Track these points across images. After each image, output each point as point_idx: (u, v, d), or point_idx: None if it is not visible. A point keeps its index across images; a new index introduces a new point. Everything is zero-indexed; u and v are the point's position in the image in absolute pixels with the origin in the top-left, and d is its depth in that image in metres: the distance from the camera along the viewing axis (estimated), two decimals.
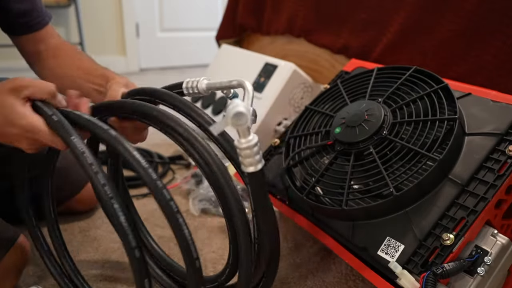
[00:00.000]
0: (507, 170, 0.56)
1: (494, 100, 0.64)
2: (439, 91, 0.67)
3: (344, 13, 1.20)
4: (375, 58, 1.09)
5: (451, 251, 0.54)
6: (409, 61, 1.01)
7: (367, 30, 1.12)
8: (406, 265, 0.56)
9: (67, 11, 2.68)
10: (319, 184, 0.72)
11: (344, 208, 0.64)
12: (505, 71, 0.83)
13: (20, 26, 0.87)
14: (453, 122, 0.62)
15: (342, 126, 0.71)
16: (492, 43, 0.85)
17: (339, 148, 0.71)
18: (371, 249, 0.61)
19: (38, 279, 0.79)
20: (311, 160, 0.75)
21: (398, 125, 0.67)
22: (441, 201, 0.58)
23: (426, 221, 0.58)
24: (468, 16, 0.88)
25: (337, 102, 0.81)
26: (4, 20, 0.86)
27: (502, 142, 0.59)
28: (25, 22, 0.87)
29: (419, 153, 0.61)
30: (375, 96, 0.75)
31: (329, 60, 1.29)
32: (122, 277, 0.81)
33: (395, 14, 1.04)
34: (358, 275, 0.82)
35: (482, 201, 0.56)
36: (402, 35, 1.03)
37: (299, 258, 0.87)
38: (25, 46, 0.90)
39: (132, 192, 1.14)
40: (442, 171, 0.60)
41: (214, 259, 0.86)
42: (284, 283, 0.79)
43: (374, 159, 0.65)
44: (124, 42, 2.88)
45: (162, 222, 1.00)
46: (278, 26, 1.45)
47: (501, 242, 0.54)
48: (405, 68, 0.75)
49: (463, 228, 0.55)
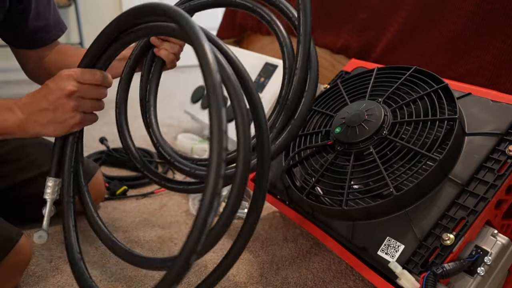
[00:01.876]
0: (507, 170, 0.56)
1: (494, 100, 0.64)
2: (439, 91, 0.67)
3: (344, 13, 1.20)
4: (375, 58, 1.09)
5: (451, 251, 0.54)
6: (409, 61, 1.01)
7: (367, 30, 1.12)
8: (406, 265, 0.56)
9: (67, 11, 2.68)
10: (319, 184, 0.72)
11: (344, 208, 0.64)
12: (505, 71, 0.83)
13: (35, 41, 0.88)
14: (453, 122, 0.62)
15: (342, 126, 0.71)
16: (492, 43, 0.85)
17: (339, 148, 0.71)
18: (371, 249, 0.61)
19: (38, 279, 0.79)
20: (311, 160, 0.75)
21: (398, 125, 0.67)
22: (441, 201, 0.58)
23: (426, 221, 0.58)
24: (468, 16, 0.88)
25: (337, 102, 0.81)
26: (20, 38, 0.87)
27: (502, 142, 0.59)
28: (39, 38, 0.88)
29: (419, 153, 0.61)
30: (375, 96, 0.75)
31: (329, 60, 1.29)
32: (122, 277, 0.81)
33: (395, 14, 1.04)
34: (358, 275, 0.82)
35: (482, 201, 0.56)
36: (402, 35, 1.03)
37: (299, 258, 0.87)
38: (31, 55, 0.90)
39: (132, 192, 1.15)
40: (442, 171, 0.60)
41: (214, 259, 0.86)
42: (284, 283, 0.79)
43: (374, 159, 0.65)
44: None
45: (162, 222, 1.01)
46: None
47: (501, 242, 0.54)
48: (405, 68, 0.75)
49: (463, 228, 0.55)
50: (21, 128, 0.64)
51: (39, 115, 0.63)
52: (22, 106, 0.64)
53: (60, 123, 0.64)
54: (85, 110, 0.66)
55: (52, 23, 0.90)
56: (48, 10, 0.88)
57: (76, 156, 0.73)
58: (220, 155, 0.42)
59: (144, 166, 0.82)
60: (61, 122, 0.64)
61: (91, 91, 0.65)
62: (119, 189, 1.12)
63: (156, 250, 0.89)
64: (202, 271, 0.82)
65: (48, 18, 0.88)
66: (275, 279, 0.80)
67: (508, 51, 0.82)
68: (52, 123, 0.64)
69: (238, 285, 0.79)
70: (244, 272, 0.82)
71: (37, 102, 0.64)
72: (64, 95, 0.62)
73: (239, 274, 0.82)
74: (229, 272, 0.82)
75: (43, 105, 0.63)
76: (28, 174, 0.90)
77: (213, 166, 0.42)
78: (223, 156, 0.42)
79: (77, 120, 0.65)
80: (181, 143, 1.39)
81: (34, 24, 0.85)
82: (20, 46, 0.89)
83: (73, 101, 0.63)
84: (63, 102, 0.63)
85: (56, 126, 0.64)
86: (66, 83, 0.63)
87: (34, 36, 0.87)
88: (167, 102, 2.09)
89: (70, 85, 0.63)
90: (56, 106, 0.63)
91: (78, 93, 0.63)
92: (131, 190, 1.16)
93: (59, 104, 0.63)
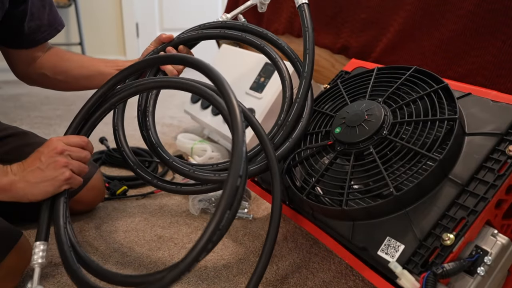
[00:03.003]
0: (507, 170, 0.56)
1: (494, 100, 0.64)
2: (439, 91, 0.67)
3: (344, 13, 1.20)
4: (375, 58, 1.09)
5: (451, 251, 0.54)
6: (409, 61, 1.01)
7: (367, 30, 1.12)
8: (406, 265, 0.56)
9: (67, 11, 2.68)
10: (319, 184, 0.72)
11: (344, 208, 0.64)
12: (505, 71, 0.83)
13: (28, 42, 0.89)
14: (453, 122, 0.62)
15: (342, 126, 0.71)
16: (492, 43, 0.85)
17: (339, 148, 0.71)
18: (371, 249, 0.61)
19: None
20: (311, 160, 0.75)
21: (398, 125, 0.67)
22: (441, 201, 0.58)
23: (426, 221, 0.58)
24: (468, 16, 0.88)
25: (337, 102, 0.81)
26: (14, 38, 0.88)
27: (502, 142, 0.59)
28: (32, 38, 0.89)
29: (419, 153, 0.61)
30: (375, 96, 0.75)
31: (329, 60, 1.29)
32: None
33: (395, 14, 1.04)
34: (358, 275, 0.82)
35: (482, 201, 0.56)
36: (402, 35, 1.03)
37: (299, 258, 0.87)
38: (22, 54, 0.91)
39: (132, 192, 1.15)
40: (442, 171, 0.60)
41: (214, 259, 0.86)
42: (284, 283, 0.79)
43: (374, 159, 0.65)
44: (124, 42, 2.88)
45: (162, 222, 1.01)
46: (278, 26, 1.45)
47: (501, 242, 0.54)
48: (405, 68, 0.75)
49: (463, 228, 0.55)
50: (12, 188, 0.67)
51: (31, 174, 0.68)
52: (15, 169, 0.69)
53: (50, 180, 0.69)
54: (72, 169, 0.71)
55: (46, 22, 0.90)
56: (42, 11, 0.88)
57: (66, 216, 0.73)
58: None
59: (137, 165, 0.84)
60: (51, 179, 0.69)
61: (77, 152, 0.72)
62: (119, 189, 1.12)
63: (156, 250, 0.89)
64: (202, 271, 0.82)
65: (42, 18, 0.88)
66: (275, 279, 0.80)
67: (508, 51, 0.82)
68: (43, 181, 0.68)
69: (238, 285, 0.79)
70: (244, 272, 0.82)
71: (29, 164, 0.69)
72: (55, 153, 0.69)
73: (239, 274, 0.82)
74: (229, 272, 0.82)
75: (35, 165, 0.69)
76: None
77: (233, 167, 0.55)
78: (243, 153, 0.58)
79: (66, 176, 0.70)
80: (181, 143, 1.38)
81: (28, 25, 0.86)
82: (12, 46, 0.89)
83: (63, 158, 0.70)
84: (54, 159, 0.69)
85: (46, 185, 0.69)
86: (57, 144, 0.70)
87: (28, 37, 0.87)
88: (167, 102, 2.09)
89: (60, 145, 0.70)
90: (48, 164, 0.69)
91: (67, 152, 0.71)
92: (131, 190, 1.16)
93: (51, 162, 0.69)
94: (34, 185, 0.68)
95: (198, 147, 1.33)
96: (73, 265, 0.66)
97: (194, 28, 0.93)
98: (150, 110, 0.88)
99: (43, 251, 0.68)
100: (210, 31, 0.91)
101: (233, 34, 0.89)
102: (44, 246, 0.68)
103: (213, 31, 0.91)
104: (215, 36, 0.91)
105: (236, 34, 0.88)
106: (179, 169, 0.81)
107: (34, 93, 2.27)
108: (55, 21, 0.92)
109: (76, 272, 0.65)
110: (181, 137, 1.42)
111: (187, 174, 0.81)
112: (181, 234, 0.95)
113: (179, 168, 0.82)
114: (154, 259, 0.86)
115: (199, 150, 1.32)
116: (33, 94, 2.27)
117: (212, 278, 0.80)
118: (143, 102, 0.88)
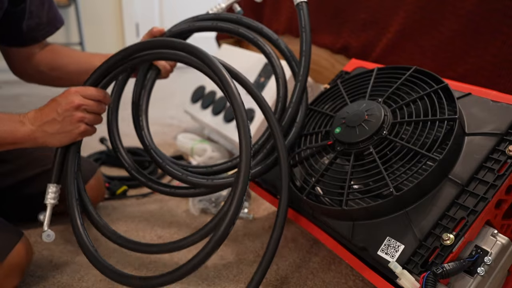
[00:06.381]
0: (507, 170, 0.56)
1: (494, 100, 0.64)
2: (439, 91, 0.67)
3: (344, 13, 1.20)
4: (375, 58, 1.09)
5: (451, 251, 0.54)
6: (409, 61, 1.01)
7: (367, 30, 1.12)
8: (406, 265, 0.56)
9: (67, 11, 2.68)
10: (319, 184, 0.72)
11: (344, 208, 0.64)
12: (505, 71, 0.83)
13: (26, 40, 0.89)
14: (453, 122, 0.62)
15: (342, 126, 0.71)
16: (492, 43, 0.85)
17: (339, 148, 0.71)
18: (371, 249, 0.61)
19: (38, 279, 0.79)
20: (311, 160, 0.75)
21: (398, 125, 0.67)
22: (441, 201, 0.58)
23: (426, 221, 0.58)
24: (468, 16, 0.88)
25: (337, 102, 0.81)
26: (12, 36, 0.88)
27: (502, 142, 0.59)
28: (31, 36, 0.89)
29: (419, 153, 0.61)
30: (375, 96, 0.75)
31: (329, 60, 1.29)
32: None
33: (395, 14, 1.04)
34: (358, 275, 0.82)
35: (482, 201, 0.56)
36: (402, 35, 1.03)
37: (299, 258, 0.87)
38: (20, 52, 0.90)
39: (132, 192, 1.15)
40: (442, 171, 0.60)
41: (214, 259, 0.86)
42: (284, 283, 0.79)
43: (374, 159, 0.65)
44: (124, 42, 2.88)
45: (162, 222, 1.01)
46: (278, 26, 1.46)
47: (501, 242, 0.54)
48: (405, 68, 0.75)
49: (463, 228, 0.55)
50: (31, 137, 0.71)
51: (48, 125, 0.71)
52: (32, 119, 0.71)
53: (66, 132, 0.72)
54: (88, 122, 0.73)
55: (45, 20, 0.90)
56: (41, 9, 0.88)
57: (78, 163, 0.78)
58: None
59: (132, 166, 0.84)
60: (67, 132, 0.72)
61: (94, 106, 0.73)
62: (119, 189, 1.12)
63: None
64: (202, 271, 0.82)
65: (41, 16, 0.88)
66: (275, 279, 0.80)
67: (508, 51, 0.82)
68: (59, 133, 0.71)
69: (238, 285, 0.79)
70: (244, 272, 0.82)
71: (46, 114, 0.71)
72: (72, 107, 0.71)
73: (239, 274, 0.82)
74: (229, 272, 0.82)
75: (52, 116, 0.71)
76: (28, 172, 0.90)
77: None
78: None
79: (81, 129, 0.72)
80: (181, 143, 1.38)
81: (27, 24, 0.85)
82: (10, 44, 0.89)
83: (79, 113, 0.71)
84: (70, 113, 0.71)
85: (62, 136, 0.72)
86: (74, 97, 0.71)
87: (26, 35, 0.87)
88: (167, 102, 2.09)
89: (78, 99, 0.71)
90: (64, 117, 0.71)
91: (83, 106, 0.72)
92: (131, 190, 1.16)
93: (67, 115, 0.71)
94: (51, 135, 0.71)
95: (198, 147, 1.33)
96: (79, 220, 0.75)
97: (186, 21, 0.90)
98: (144, 109, 0.88)
99: (54, 193, 0.75)
100: (202, 23, 0.87)
101: (226, 26, 0.85)
102: (56, 188, 0.76)
103: (205, 23, 0.87)
104: (207, 28, 0.87)
105: (229, 27, 0.85)
106: (171, 173, 0.81)
107: (34, 92, 2.27)
108: (54, 19, 0.92)
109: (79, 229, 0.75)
110: (181, 137, 1.42)
111: (179, 178, 0.81)
112: (181, 234, 0.95)
113: (171, 172, 0.82)
114: (154, 259, 0.86)
115: (199, 150, 1.32)
116: (33, 94, 2.26)
117: (212, 278, 0.80)
118: (136, 97, 0.87)
